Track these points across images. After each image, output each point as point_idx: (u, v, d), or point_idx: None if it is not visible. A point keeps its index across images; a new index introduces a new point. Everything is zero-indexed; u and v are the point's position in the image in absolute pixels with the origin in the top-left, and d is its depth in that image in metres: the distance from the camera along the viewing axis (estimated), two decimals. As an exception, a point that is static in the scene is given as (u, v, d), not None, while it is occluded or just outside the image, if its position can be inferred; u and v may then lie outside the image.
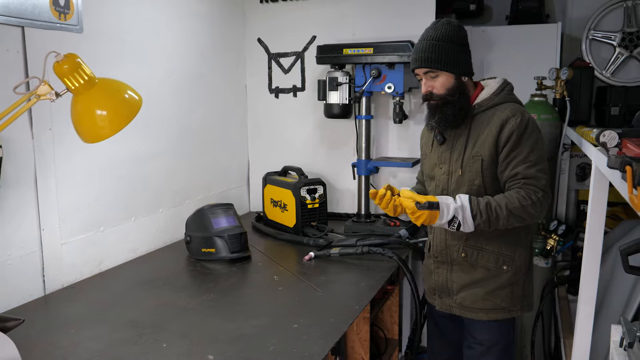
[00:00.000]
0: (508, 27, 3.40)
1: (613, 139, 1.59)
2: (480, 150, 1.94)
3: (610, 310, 2.11)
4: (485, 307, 2.00)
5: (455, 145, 2.01)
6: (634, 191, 0.98)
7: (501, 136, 1.89)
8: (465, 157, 1.97)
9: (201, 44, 2.93)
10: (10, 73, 1.85)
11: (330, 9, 3.10)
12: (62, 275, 2.10)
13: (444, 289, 2.10)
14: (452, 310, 2.09)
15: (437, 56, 1.93)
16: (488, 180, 1.94)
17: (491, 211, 1.82)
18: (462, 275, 2.04)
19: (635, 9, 3.28)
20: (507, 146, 1.89)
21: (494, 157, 1.92)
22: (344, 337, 2.15)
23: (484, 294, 2.00)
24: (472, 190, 1.95)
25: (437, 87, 1.96)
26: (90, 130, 1.55)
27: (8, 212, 1.88)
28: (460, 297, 2.05)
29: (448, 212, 1.83)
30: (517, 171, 1.87)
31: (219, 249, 2.43)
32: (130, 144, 2.42)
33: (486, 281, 2.00)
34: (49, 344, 1.63)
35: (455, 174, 2.00)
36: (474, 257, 2.00)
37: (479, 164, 1.94)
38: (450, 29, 1.95)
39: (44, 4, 1.85)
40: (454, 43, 1.95)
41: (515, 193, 1.85)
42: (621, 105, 3.01)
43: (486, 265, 1.99)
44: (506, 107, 1.94)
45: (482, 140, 1.94)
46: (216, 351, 1.58)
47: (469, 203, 1.84)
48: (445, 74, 1.95)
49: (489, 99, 1.98)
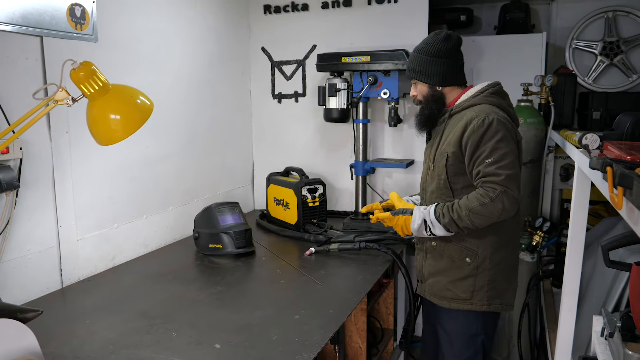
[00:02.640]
0: (496, 36, 3.40)
1: (595, 141, 1.59)
2: (447, 148, 1.94)
3: (592, 302, 2.11)
4: (447, 296, 2.01)
5: (434, 142, 2.06)
6: (614, 190, 0.98)
7: (464, 136, 1.88)
8: (436, 154, 2.00)
9: (209, 53, 2.93)
10: (30, 80, 1.86)
11: (330, 19, 3.10)
12: (78, 269, 2.11)
13: (420, 274, 2.15)
14: (425, 295, 2.12)
15: (413, 66, 2.05)
16: (451, 175, 1.95)
17: (452, 212, 1.84)
18: (432, 263, 2.06)
19: (616, 20, 3.28)
20: (469, 146, 1.86)
21: (458, 155, 1.91)
22: (342, 327, 2.16)
23: (446, 283, 2.01)
24: (440, 184, 1.98)
25: (417, 93, 2.08)
26: (104, 134, 1.55)
27: (27, 210, 1.88)
28: (429, 283, 2.08)
29: (419, 217, 1.92)
30: (479, 170, 1.84)
31: (226, 244, 2.43)
32: (142, 146, 2.43)
33: (449, 271, 2.00)
34: (66, 333, 1.63)
35: (430, 169, 2.05)
36: (442, 247, 2.01)
37: (445, 160, 1.95)
38: (431, 42, 2.01)
39: (61, 15, 1.85)
40: (429, 55, 2.00)
41: (475, 193, 1.84)
42: (602, 110, 3.00)
43: (451, 256, 1.99)
44: (475, 109, 1.91)
45: (450, 139, 1.94)
46: (223, 340, 1.58)
47: (434, 207, 1.90)
48: (420, 83, 2.05)
49: (466, 100, 1.98)
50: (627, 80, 3.29)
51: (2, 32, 1.68)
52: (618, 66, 3.29)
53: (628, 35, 3.27)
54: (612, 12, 3.27)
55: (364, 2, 3.02)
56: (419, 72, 2.03)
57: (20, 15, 1.70)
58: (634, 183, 0.86)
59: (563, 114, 2.97)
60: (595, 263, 2.25)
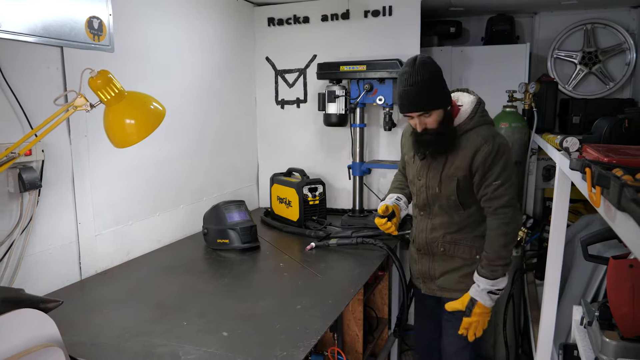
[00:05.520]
0: (483, 47, 3.39)
1: (574, 144, 1.59)
2: (456, 172, 1.92)
3: (572, 293, 2.11)
4: (460, 288, 2.01)
5: (432, 165, 1.98)
6: (592, 190, 0.98)
7: (475, 161, 1.88)
8: (442, 176, 1.96)
9: (217, 62, 2.92)
10: (51, 87, 1.85)
11: (329, 31, 3.10)
12: (96, 262, 2.11)
13: (427, 275, 2.11)
14: (435, 292, 2.11)
15: (428, 98, 1.83)
16: (462, 196, 1.96)
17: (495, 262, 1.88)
18: (443, 264, 2.06)
19: (594, 32, 3.29)
20: (480, 170, 1.89)
21: (468, 178, 1.92)
22: (341, 316, 2.15)
23: (459, 278, 2.03)
24: (450, 202, 1.97)
25: (431, 122, 1.87)
26: (120, 137, 1.54)
27: (49, 208, 1.88)
28: (441, 281, 2.07)
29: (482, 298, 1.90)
30: (487, 191, 1.90)
31: (232, 240, 2.42)
32: (155, 148, 2.42)
33: (461, 268, 2.02)
34: (84, 322, 1.63)
35: (432, 190, 1.99)
36: (452, 250, 2.02)
37: (455, 183, 1.93)
38: (430, 68, 1.83)
39: (80, 27, 1.85)
40: (438, 79, 1.86)
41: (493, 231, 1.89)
42: (581, 115, 3.01)
43: (462, 256, 2.01)
44: (479, 132, 1.90)
45: (458, 163, 1.91)
46: (230, 328, 1.58)
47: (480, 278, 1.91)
48: (436, 111, 1.86)
49: (464, 123, 1.93)
50: (604, 87, 3.30)
51: (26, 43, 1.69)
52: (596, 74, 3.29)
53: (605, 46, 3.27)
54: (591, 25, 3.28)
55: (360, 15, 3.01)
56: (437, 101, 1.85)
57: (42, 27, 1.70)
58: (611, 183, 0.86)
59: (545, 118, 2.97)
60: (575, 257, 2.25)
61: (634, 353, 1.27)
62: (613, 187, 0.83)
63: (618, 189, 0.80)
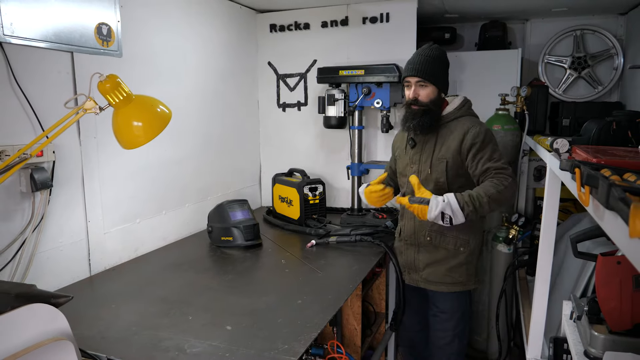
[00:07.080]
0: (477, 52, 3.40)
1: (564, 145, 1.59)
2: (446, 154, 1.97)
3: (562, 289, 2.11)
4: (445, 281, 2.03)
5: (424, 149, 2.05)
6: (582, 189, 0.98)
7: (464, 143, 1.93)
8: (433, 159, 2.00)
9: (221, 67, 2.92)
10: (62, 91, 1.85)
11: (329, 37, 3.10)
12: (105, 259, 2.11)
13: (411, 266, 2.14)
14: (419, 284, 2.13)
15: (431, 70, 1.97)
16: (450, 177, 1.98)
17: (474, 200, 1.80)
18: (427, 255, 2.07)
19: (583, 38, 3.29)
20: (472, 150, 1.91)
21: (457, 160, 1.96)
22: (340, 311, 2.16)
23: (444, 271, 2.04)
24: (438, 185, 1.99)
25: (423, 95, 1.99)
26: (128, 139, 1.54)
27: (60, 206, 1.88)
28: (426, 272, 2.09)
29: (436, 208, 1.79)
30: (488, 166, 1.88)
31: (236, 237, 2.42)
32: (162, 150, 2.42)
33: (446, 260, 2.03)
34: (94, 316, 1.64)
35: (424, 173, 2.03)
36: (437, 240, 2.03)
37: (444, 165, 1.97)
38: (441, 52, 2.03)
39: (89, 33, 1.85)
40: (443, 63, 2.02)
41: (489, 182, 1.84)
42: (571, 117, 3.01)
43: (447, 247, 2.02)
44: (466, 120, 1.99)
45: (447, 146, 1.97)
46: (233, 322, 1.58)
47: (455, 198, 1.81)
48: (432, 87, 1.98)
49: (452, 112, 2.03)
50: (593, 91, 3.30)
51: (38, 49, 1.69)
52: (585, 79, 3.30)
53: (594, 51, 3.28)
54: (580, 31, 3.28)
55: (359, 22, 3.02)
56: (436, 76, 1.98)
57: (53, 33, 1.70)
58: (599, 183, 0.86)
59: (536, 121, 2.97)
60: (565, 253, 2.25)
61: (621, 346, 1.27)
62: (601, 186, 0.83)
63: (606, 188, 0.80)
